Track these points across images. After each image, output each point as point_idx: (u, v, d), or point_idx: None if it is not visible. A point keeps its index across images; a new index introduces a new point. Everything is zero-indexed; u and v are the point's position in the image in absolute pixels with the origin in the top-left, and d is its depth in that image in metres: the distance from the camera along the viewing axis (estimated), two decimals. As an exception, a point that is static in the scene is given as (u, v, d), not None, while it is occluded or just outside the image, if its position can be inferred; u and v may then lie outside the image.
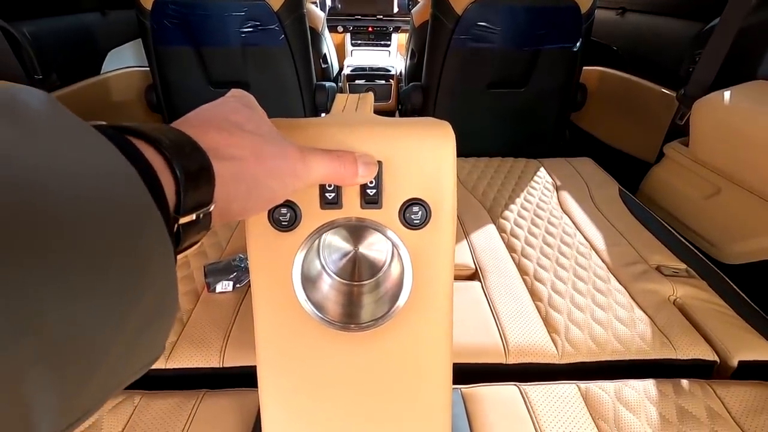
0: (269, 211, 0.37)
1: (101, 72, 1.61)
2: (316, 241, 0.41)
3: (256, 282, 0.40)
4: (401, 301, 0.39)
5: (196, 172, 0.21)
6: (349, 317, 0.40)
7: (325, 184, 0.37)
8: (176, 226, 0.20)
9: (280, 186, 0.28)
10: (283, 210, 0.37)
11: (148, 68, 1.57)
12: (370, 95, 0.47)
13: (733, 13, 1.03)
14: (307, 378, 0.43)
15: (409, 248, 0.39)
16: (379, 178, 0.37)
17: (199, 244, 0.23)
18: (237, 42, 1.52)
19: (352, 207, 0.38)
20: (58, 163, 0.14)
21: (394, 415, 0.45)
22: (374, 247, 0.42)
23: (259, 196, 0.26)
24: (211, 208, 0.23)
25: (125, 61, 1.71)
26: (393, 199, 0.38)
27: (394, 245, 0.39)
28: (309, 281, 0.40)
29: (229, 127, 0.26)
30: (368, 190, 0.37)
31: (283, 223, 0.37)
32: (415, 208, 0.37)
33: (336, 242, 0.42)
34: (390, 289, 0.41)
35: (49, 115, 0.15)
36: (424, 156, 0.37)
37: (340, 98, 0.46)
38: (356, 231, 0.41)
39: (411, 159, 0.37)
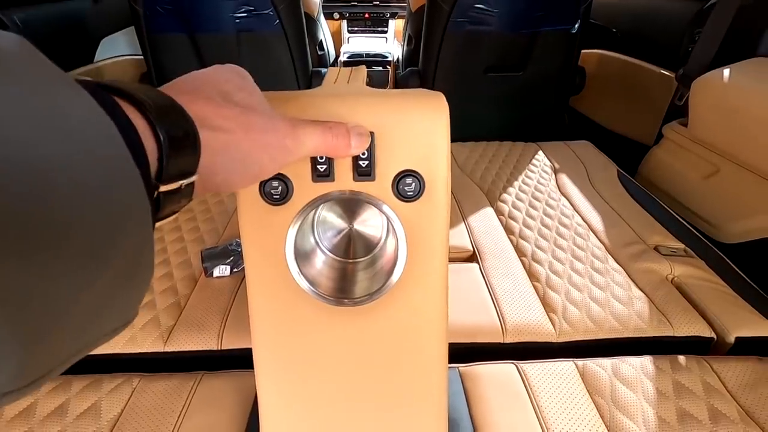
0: (260, 185, 0.37)
1: (94, 61, 1.59)
2: (310, 217, 0.40)
3: (249, 257, 0.40)
4: (396, 276, 0.39)
5: (181, 138, 0.20)
6: (343, 292, 0.40)
7: (317, 157, 0.36)
8: (156, 193, 0.20)
9: (269, 160, 0.27)
10: (275, 183, 0.36)
11: (142, 56, 1.55)
12: (363, 68, 0.46)
13: (733, -10, 1.02)
14: (302, 354, 0.43)
15: (403, 221, 0.38)
16: (371, 149, 0.36)
17: (175, 216, 0.23)
18: (231, 28, 1.50)
19: (344, 179, 0.37)
20: (29, 111, 0.13)
21: (390, 391, 0.45)
22: (369, 224, 0.42)
23: (245, 170, 0.26)
24: (194, 178, 0.22)
25: (119, 50, 1.69)
26: (386, 170, 0.37)
27: (387, 218, 0.38)
28: (302, 257, 0.40)
29: (219, 97, 0.25)
30: (360, 162, 0.37)
31: (275, 197, 0.37)
32: (409, 180, 0.37)
33: (330, 219, 0.41)
34: (385, 264, 0.41)
35: (24, 59, 0.14)
36: (417, 126, 0.37)
37: (332, 71, 0.45)
38: (350, 207, 0.41)
39: (404, 130, 0.37)
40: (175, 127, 0.20)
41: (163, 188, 0.20)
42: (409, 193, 0.37)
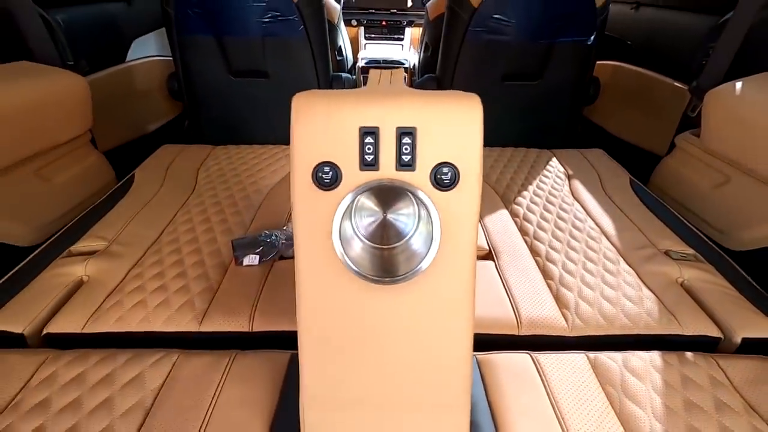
0: (313, 170, 0.41)
1: (126, 60, 1.66)
2: (351, 204, 0.45)
3: (299, 237, 0.44)
4: (430, 257, 0.43)
5: None
6: (382, 272, 0.45)
7: (365, 147, 0.41)
8: None
9: None
10: (326, 168, 0.41)
11: (170, 58, 1.62)
12: (401, 71, 0.51)
13: (746, 7, 1.05)
14: (342, 326, 0.47)
15: (438, 208, 0.42)
16: (413, 143, 0.41)
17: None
18: (257, 32, 1.56)
19: (388, 169, 0.42)
20: None
21: (419, 367, 0.49)
22: (401, 212, 0.46)
23: None
24: None
25: (149, 51, 1.76)
26: (425, 162, 0.42)
27: (424, 205, 0.43)
28: (345, 240, 0.44)
29: None
30: (403, 156, 0.41)
31: (326, 181, 0.41)
32: (445, 170, 0.41)
33: (368, 206, 0.46)
34: (420, 248, 0.45)
35: None
36: (454, 123, 0.41)
37: (374, 73, 0.50)
38: (387, 197, 0.45)
39: (442, 126, 0.41)
40: None
41: None
42: (445, 182, 0.42)
